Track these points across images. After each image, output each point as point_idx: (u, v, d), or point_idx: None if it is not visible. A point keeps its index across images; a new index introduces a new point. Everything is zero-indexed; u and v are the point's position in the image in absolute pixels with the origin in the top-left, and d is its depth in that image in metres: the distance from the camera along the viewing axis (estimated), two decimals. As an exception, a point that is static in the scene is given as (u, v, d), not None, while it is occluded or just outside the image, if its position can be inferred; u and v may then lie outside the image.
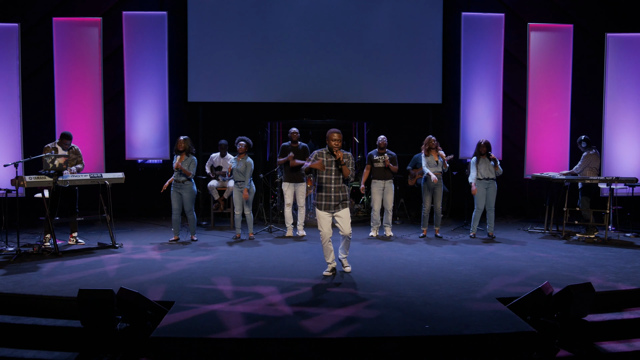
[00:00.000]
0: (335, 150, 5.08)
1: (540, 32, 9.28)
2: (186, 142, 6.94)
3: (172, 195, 6.96)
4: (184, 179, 6.91)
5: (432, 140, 7.30)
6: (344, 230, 5.17)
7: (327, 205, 5.16)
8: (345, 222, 5.17)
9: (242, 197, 7.10)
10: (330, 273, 5.22)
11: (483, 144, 7.20)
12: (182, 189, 6.91)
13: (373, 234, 7.46)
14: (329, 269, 5.24)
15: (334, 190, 5.15)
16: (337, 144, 5.08)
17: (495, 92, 9.42)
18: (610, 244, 6.82)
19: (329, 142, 5.11)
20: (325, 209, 5.17)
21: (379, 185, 7.32)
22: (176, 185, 6.93)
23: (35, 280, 4.91)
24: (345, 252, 5.36)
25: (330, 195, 5.15)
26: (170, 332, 3.59)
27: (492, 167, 7.16)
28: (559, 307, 3.93)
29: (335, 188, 5.15)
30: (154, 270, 5.38)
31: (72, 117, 8.86)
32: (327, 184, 5.14)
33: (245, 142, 7.21)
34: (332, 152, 5.10)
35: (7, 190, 6.62)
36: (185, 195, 6.92)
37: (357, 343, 3.53)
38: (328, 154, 5.15)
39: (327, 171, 5.13)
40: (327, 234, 5.17)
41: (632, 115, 8.98)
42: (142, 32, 9.15)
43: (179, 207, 6.98)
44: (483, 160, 7.20)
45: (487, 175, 7.19)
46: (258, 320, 3.85)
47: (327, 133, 5.13)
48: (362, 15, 9.60)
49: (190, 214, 7.02)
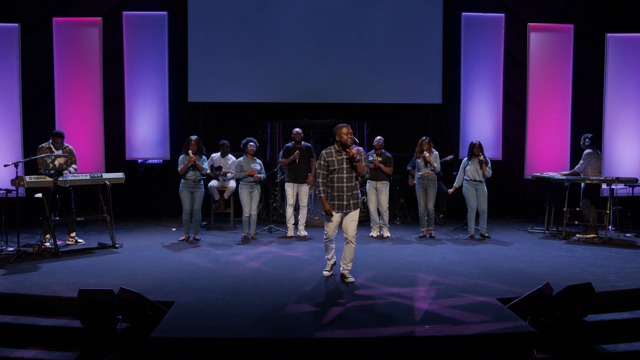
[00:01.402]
0: (350, 144, 4.77)
1: (540, 32, 9.27)
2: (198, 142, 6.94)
3: (183, 195, 6.93)
4: (200, 179, 6.93)
5: (424, 142, 7.29)
6: (349, 232, 4.93)
7: (340, 205, 4.88)
8: (353, 224, 4.94)
9: (250, 197, 7.11)
10: (329, 272, 5.18)
11: (478, 145, 7.23)
12: (195, 188, 6.92)
13: (373, 234, 7.47)
14: (329, 267, 5.17)
15: (346, 190, 4.85)
16: (349, 137, 4.76)
17: (495, 92, 9.42)
18: (610, 244, 6.82)
19: (340, 138, 4.80)
20: (338, 208, 4.89)
21: (371, 186, 7.36)
22: (190, 184, 6.91)
23: (35, 280, 4.91)
24: (348, 263, 5.01)
25: (342, 195, 4.86)
26: (170, 332, 3.59)
27: (479, 170, 7.16)
28: (559, 307, 3.93)
29: (348, 187, 4.86)
30: (154, 270, 5.38)
31: (72, 117, 8.86)
32: (339, 184, 4.85)
33: (254, 143, 7.25)
34: (345, 148, 4.80)
35: (7, 190, 6.61)
36: (197, 195, 6.94)
37: (356, 343, 3.53)
38: (337, 152, 4.87)
39: (339, 169, 4.83)
40: (331, 235, 5.00)
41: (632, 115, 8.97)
42: (142, 32, 9.14)
43: (190, 207, 6.97)
44: (474, 162, 7.23)
45: (474, 177, 7.20)
46: (258, 320, 3.85)
47: (335, 129, 4.84)
48: (362, 15, 9.60)
49: (199, 214, 7.04)
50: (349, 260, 5.00)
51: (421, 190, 7.33)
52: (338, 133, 4.82)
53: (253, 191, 7.16)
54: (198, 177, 6.95)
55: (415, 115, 10.04)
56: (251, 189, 7.15)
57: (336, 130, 4.84)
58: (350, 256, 5.00)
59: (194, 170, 6.90)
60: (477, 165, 7.20)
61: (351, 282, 4.92)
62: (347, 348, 3.51)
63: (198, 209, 7.01)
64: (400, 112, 9.97)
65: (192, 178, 6.90)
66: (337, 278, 5.10)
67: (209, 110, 9.94)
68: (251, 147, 7.17)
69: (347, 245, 5.00)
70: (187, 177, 6.91)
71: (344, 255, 5.01)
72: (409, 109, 9.99)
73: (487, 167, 7.15)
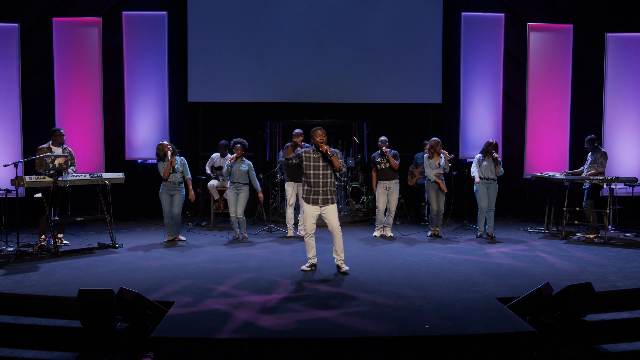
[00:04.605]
0: (320, 145, 5.22)
1: (540, 32, 9.28)
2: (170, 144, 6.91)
3: (162, 197, 6.87)
4: (180, 182, 6.91)
5: (438, 143, 7.33)
6: (332, 223, 5.29)
7: (315, 200, 5.28)
8: (333, 216, 5.30)
9: (237, 199, 7.09)
10: (309, 269, 5.40)
11: (494, 143, 7.25)
12: (175, 191, 6.89)
13: (377, 234, 7.47)
14: (308, 265, 5.42)
15: (321, 185, 5.26)
16: (322, 139, 5.26)
17: (495, 92, 9.42)
18: (610, 244, 6.82)
19: (314, 140, 5.27)
20: (313, 202, 5.29)
21: (383, 186, 7.36)
22: (169, 187, 6.85)
23: (35, 280, 4.91)
24: (340, 254, 5.34)
25: (318, 190, 5.27)
26: (170, 332, 3.59)
27: (493, 168, 7.19)
28: (559, 307, 3.93)
29: (323, 182, 5.27)
30: (154, 270, 5.38)
31: (72, 117, 8.86)
32: (315, 179, 5.26)
33: (241, 144, 7.16)
34: (318, 148, 5.24)
35: (7, 190, 6.61)
36: (177, 198, 6.89)
37: (356, 343, 3.53)
38: (315, 151, 5.30)
39: (315, 166, 5.27)
40: (310, 229, 5.35)
41: (632, 115, 8.98)
42: (142, 32, 9.15)
43: (170, 210, 6.91)
44: (487, 160, 7.23)
45: (488, 176, 7.22)
46: (258, 320, 3.85)
47: (311, 132, 5.33)
48: (362, 15, 9.60)
49: (179, 218, 6.99)
50: (340, 250, 5.35)
51: (432, 191, 7.35)
52: (313, 135, 5.32)
53: (240, 192, 7.08)
54: (178, 180, 6.90)
55: (415, 115, 10.04)
56: (237, 190, 7.08)
57: (312, 132, 5.35)
58: (340, 247, 5.35)
59: (173, 173, 6.86)
60: (491, 164, 7.21)
61: (346, 271, 5.27)
62: (346, 348, 3.52)
63: (178, 213, 6.92)
64: (400, 112, 9.98)
65: (171, 180, 6.86)
66: (337, 279, 5.10)
67: (209, 110, 9.94)
68: (237, 148, 7.11)
69: (335, 237, 5.34)
70: (168, 180, 6.86)
71: (335, 247, 5.36)
72: (409, 109, 9.99)
73: (500, 166, 7.19)
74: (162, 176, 6.85)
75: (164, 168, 6.81)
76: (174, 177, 6.87)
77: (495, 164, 7.16)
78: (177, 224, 7.00)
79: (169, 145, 6.87)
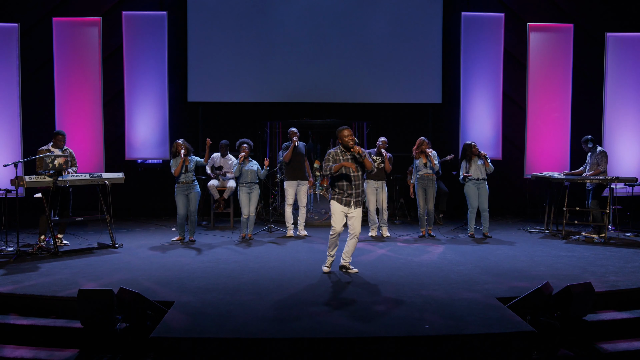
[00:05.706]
0: (351, 146, 5.11)
1: (540, 32, 9.27)
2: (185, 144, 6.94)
3: (178, 199, 6.91)
4: (193, 179, 6.93)
5: (424, 142, 7.32)
6: (355, 229, 5.19)
7: (347, 202, 5.16)
8: (358, 221, 5.20)
9: (249, 198, 7.10)
10: (329, 268, 5.30)
11: (474, 146, 7.28)
12: (189, 189, 6.92)
13: (372, 234, 7.47)
14: (328, 263, 5.32)
15: (354, 188, 5.16)
16: (351, 139, 5.12)
17: (495, 92, 9.42)
18: (610, 244, 6.82)
19: (341, 140, 5.15)
20: (346, 204, 5.16)
21: (372, 185, 7.34)
22: (183, 187, 6.89)
23: (34, 280, 4.91)
24: (349, 256, 5.30)
25: (351, 192, 5.15)
26: (170, 332, 3.59)
27: (482, 167, 7.20)
28: (559, 307, 3.93)
29: (355, 185, 5.17)
30: (154, 270, 5.38)
31: (72, 117, 8.86)
32: (347, 182, 5.14)
33: (248, 144, 7.22)
34: (348, 149, 5.14)
35: (7, 190, 6.61)
36: (192, 196, 6.93)
37: (357, 343, 3.53)
38: (343, 152, 5.19)
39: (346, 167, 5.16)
40: (338, 231, 5.21)
41: (632, 115, 8.97)
42: (142, 32, 9.14)
43: (185, 211, 6.95)
44: (474, 162, 7.25)
45: (477, 176, 7.24)
46: (258, 320, 3.85)
47: (337, 132, 5.20)
48: (362, 15, 9.59)
49: (195, 215, 7.03)
50: (351, 253, 5.31)
51: (420, 190, 7.35)
52: (340, 135, 5.18)
53: (252, 192, 7.15)
54: (191, 179, 6.93)
55: (415, 115, 10.04)
56: (250, 190, 7.13)
57: (338, 132, 5.22)
58: (352, 251, 5.31)
59: (186, 173, 6.88)
60: (477, 164, 7.22)
61: (355, 273, 5.23)
62: (347, 348, 3.52)
63: (194, 209, 6.98)
64: (400, 112, 9.97)
65: (184, 180, 6.89)
66: (337, 276, 5.10)
67: (209, 110, 9.94)
68: (244, 148, 7.15)
69: (352, 240, 5.25)
70: (180, 181, 6.89)
71: (347, 249, 5.28)
72: (409, 109, 9.98)
73: (490, 164, 7.20)
74: (172, 173, 6.90)
75: (176, 165, 6.84)
76: (185, 177, 6.89)
77: (485, 162, 7.18)
78: (192, 222, 7.03)
79: (183, 145, 6.89)
